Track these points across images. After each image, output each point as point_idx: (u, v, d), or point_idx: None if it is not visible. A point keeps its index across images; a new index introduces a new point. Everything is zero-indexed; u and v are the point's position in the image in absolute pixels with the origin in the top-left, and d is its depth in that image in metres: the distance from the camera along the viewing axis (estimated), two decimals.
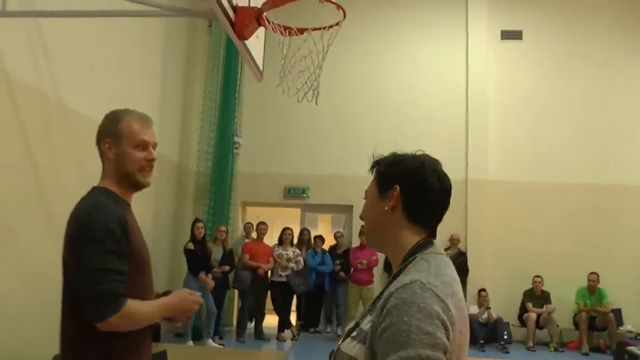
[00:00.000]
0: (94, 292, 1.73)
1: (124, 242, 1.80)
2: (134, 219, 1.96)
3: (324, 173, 10.10)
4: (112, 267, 1.75)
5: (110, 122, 1.96)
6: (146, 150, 1.95)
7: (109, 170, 1.96)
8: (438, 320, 1.25)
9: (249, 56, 4.28)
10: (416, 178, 1.48)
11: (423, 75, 10.32)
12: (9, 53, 4.71)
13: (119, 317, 1.72)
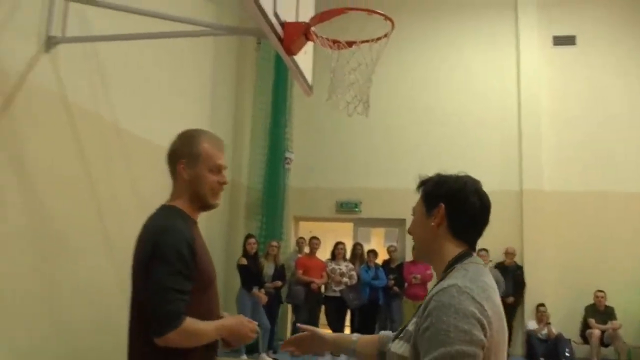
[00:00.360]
0: (159, 310, 1.79)
1: (191, 263, 1.85)
2: (201, 237, 2.01)
3: (376, 186, 10.02)
4: (178, 288, 1.81)
5: (186, 142, 2.01)
6: (219, 173, 2.02)
7: (181, 189, 2.01)
8: (474, 319, 1.39)
9: (298, 71, 4.29)
10: (459, 197, 1.65)
11: (473, 84, 10.15)
12: (68, 78, 4.87)
13: (177, 333, 1.78)
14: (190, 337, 1.83)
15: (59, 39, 4.63)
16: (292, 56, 3.88)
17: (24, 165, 4.33)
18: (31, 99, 4.39)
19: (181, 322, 1.79)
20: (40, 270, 4.53)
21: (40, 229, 4.50)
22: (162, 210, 1.99)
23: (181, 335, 1.79)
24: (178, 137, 2.05)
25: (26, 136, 4.34)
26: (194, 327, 1.83)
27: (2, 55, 4.10)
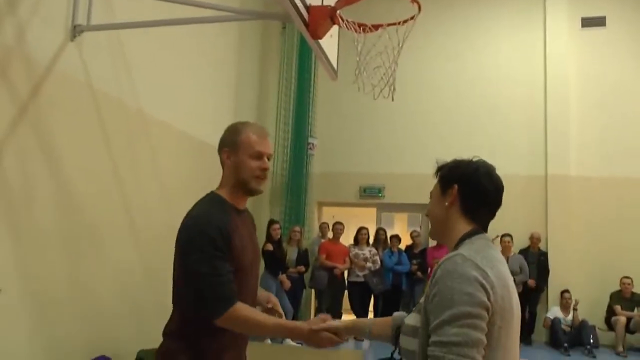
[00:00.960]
0: (208, 294, 1.89)
1: (225, 249, 1.94)
2: (242, 224, 2.11)
3: (399, 171, 9.97)
4: (219, 272, 1.91)
5: (231, 133, 2.14)
6: (261, 160, 2.11)
7: (226, 177, 2.14)
8: (477, 283, 1.49)
9: (324, 55, 4.26)
10: (471, 179, 1.76)
11: (499, 67, 10.00)
12: (93, 66, 4.91)
13: (227, 316, 1.89)
14: (243, 323, 1.93)
15: (84, 27, 4.66)
16: (317, 40, 3.85)
17: (51, 152, 4.39)
18: (58, 87, 4.43)
19: (232, 304, 1.90)
20: (70, 259, 4.60)
21: (68, 216, 4.56)
22: (203, 198, 2.12)
23: (233, 319, 1.90)
24: (225, 130, 2.19)
25: (53, 123, 4.39)
26: (248, 314, 1.93)
27: (30, 44, 4.14)
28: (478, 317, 1.48)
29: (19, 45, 4.04)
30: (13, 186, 3.98)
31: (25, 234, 4.09)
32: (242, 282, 2.04)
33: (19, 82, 4.04)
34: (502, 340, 1.56)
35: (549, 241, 9.39)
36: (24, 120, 4.09)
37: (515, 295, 1.64)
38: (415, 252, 9.31)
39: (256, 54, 9.55)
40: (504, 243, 8.46)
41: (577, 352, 8.18)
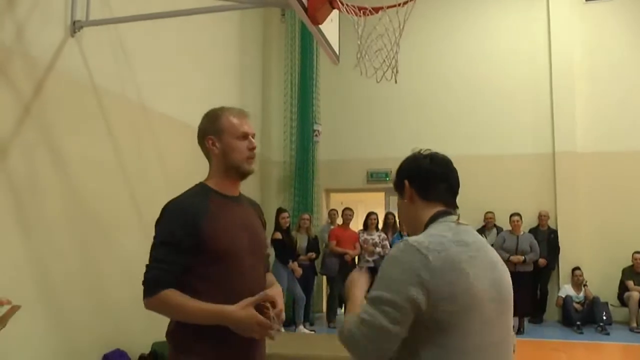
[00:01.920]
0: (144, 275, 1.93)
1: (185, 234, 1.89)
2: (230, 210, 2.04)
3: (406, 155, 9.81)
4: (159, 257, 1.90)
5: (210, 120, 2.08)
6: (247, 139, 2.07)
7: (215, 166, 2.08)
8: (411, 272, 1.51)
9: (324, 40, 4.23)
10: (412, 167, 1.83)
11: (503, 44, 9.88)
12: (94, 61, 4.90)
13: (153, 301, 1.88)
14: (168, 309, 1.90)
15: (83, 22, 4.66)
16: (317, 25, 3.82)
17: (56, 149, 4.40)
18: (60, 84, 4.44)
19: (157, 290, 1.87)
20: (79, 253, 4.63)
21: (75, 211, 4.58)
22: (190, 188, 2.08)
23: (158, 305, 1.88)
24: (203, 117, 2.13)
25: (57, 120, 4.40)
26: (175, 301, 1.87)
27: (31, 41, 4.14)
28: (395, 307, 1.50)
29: (19, 43, 4.04)
30: (20, 183, 3.99)
31: (34, 229, 4.11)
32: (231, 267, 1.95)
33: (21, 80, 4.04)
34: (461, 323, 1.52)
35: (559, 219, 9.35)
36: (28, 118, 4.09)
37: (482, 276, 1.59)
38: None
39: (258, 43, 9.51)
40: (513, 222, 8.42)
41: (590, 330, 8.15)
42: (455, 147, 9.64)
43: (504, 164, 9.58)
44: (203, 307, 1.86)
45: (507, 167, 9.57)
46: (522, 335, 7.89)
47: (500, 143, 9.66)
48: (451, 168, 1.84)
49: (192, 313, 1.87)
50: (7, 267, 3.84)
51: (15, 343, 3.84)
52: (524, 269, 8.04)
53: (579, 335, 7.93)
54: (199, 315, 1.87)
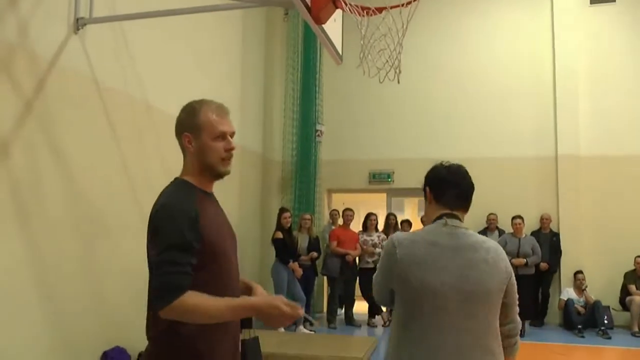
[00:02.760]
0: (154, 283, 1.80)
1: (192, 237, 1.81)
2: (212, 208, 2.00)
3: (408, 156, 9.92)
4: (172, 260, 1.77)
5: (188, 115, 1.99)
6: (225, 140, 1.98)
7: (190, 162, 2.00)
8: (386, 258, 2.11)
9: (328, 40, 4.22)
10: (432, 175, 2.26)
11: (506, 47, 9.87)
12: (97, 58, 4.90)
13: (172, 308, 1.74)
14: (191, 313, 1.76)
15: (86, 20, 4.65)
16: (320, 25, 3.81)
17: (58, 146, 4.39)
18: (63, 81, 4.43)
19: (177, 295, 1.74)
20: (80, 250, 4.62)
21: (77, 209, 4.58)
22: (170, 185, 2.00)
23: (179, 311, 1.75)
24: (181, 111, 2.04)
25: (59, 117, 4.40)
26: (197, 302, 1.76)
27: (33, 39, 4.13)
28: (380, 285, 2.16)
29: (22, 40, 4.03)
30: (22, 180, 3.99)
31: (34, 226, 4.11)
32: (223, 267, 1.93)
33: (23, 77, 4.03)
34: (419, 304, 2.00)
35: (561, 222, 9.32)
36: (31, 115, 4.09)
37: (444, 271, 1.99)
38: None
39: (261, 42, 9.50)
40: (515, 225, 8.40)
41: (592, 334, 8.12)
42: (458, 149, 9.67)
43: (506, 166, 9.56)
44: (229, 303, 1.80)
45: (510, 170, 9.55)
46: (523, 338, 7.86)
47: (502, 145, 9.64)
48: (464, 176, 2.24)
49: (218, 311, 1.78)
50: (6, 263, 3.83)
51: (15, 340, 3.83)
52: (525, 272, 8.02)
53: (580, 339, 7.91)
54: (225, 312, 1.80)
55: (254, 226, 9.04)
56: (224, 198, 7.36)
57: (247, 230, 8.68)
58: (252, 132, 9.05)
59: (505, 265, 2.09)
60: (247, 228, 8.67)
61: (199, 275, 1.81)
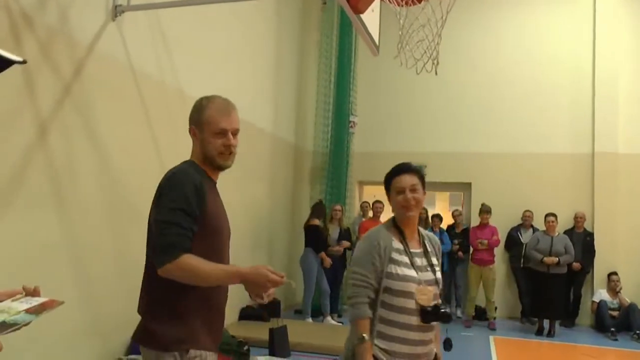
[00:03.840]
0: (158, 242, 1.94)
1: (196, 204, 1.97)
2: (215, 194, 2.14)
3: (441, 150, 9.82)
4: (178, 222, 1.92)
5: (195, 110, 2.17)
6: (225, 137, 2.12)
7: (196, 151, 2.18)
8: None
9: (365, 30, 4.17)
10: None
11: (544, 41, 9.64)
12: (133, 45, 4.94)
13: (174, 265, 1.88)
14: (189, 272, 1.89)
15: (124, 7, 4.69)
16: (359, 15, 3.76)
17: (93, 130, 4.45)
18: (99, 67, 4.48)
19: (179, 255, 1.89)
20: (112, 231, 4.69)
21: (110, 191, 4.64)
22: (182, 162, 2.17)
23: (179, 268, 1.88)
24: (193, 106, 2.22)
25: (95, 102, 4.45)
26: (194, 263, 1.89)
27: (73, 25, 4.18)
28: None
29: (62, 26, 4.09)
30: (58, 163, 4.06)
31: (71, 209, 4.18)
32: (218, 247, 2.08)
33: (62, 62, 4.09)
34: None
35: (595, 221, 9.11)
36: (68, 99, 4.15)
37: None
38: (457, 231, 9.19)
39: (295, 31, 9.48)
40: (548, 223, 8.21)
41: (626, 337, 7.93)
42: (493, 144, 9.53)
43: (541, 162, 9.39)
44: (221, 267, 1.95)
45: (545, 166, 9.37)
46: (553, 338, 7.74)
47: (538, 141, 9.46)
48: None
49: (211, 274, 1.91)
50: (44, 245, 3.91)
51: (49, 318, 3.91)
52: (557, 271, 7.86)
53: (612, 342, 7.73)
54: (217, 275, 1.93)
55: (285, 216, 9.06)
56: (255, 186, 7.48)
57: (277, 219, 8.71)
58: (285, 122, 9.05)
59: None
60: (277, 217, 8.70)
61: (196, 245, 1.94)
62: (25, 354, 3.65)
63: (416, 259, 2.50)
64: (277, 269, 1.99)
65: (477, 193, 9.66)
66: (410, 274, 2.43)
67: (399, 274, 2.42)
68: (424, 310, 2.42)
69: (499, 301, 8.87)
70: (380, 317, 2.44)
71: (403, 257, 2.47)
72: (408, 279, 2.42)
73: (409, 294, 2.41)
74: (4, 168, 3.59)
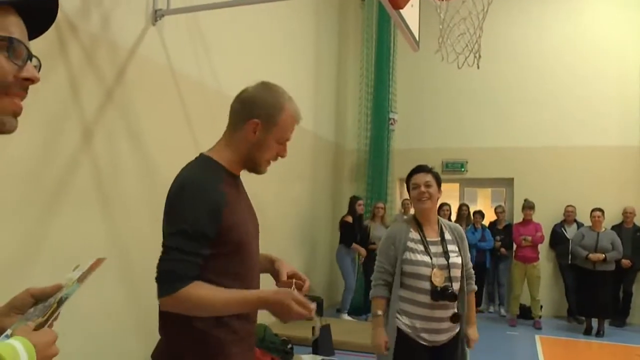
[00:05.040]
0: (158, 270, 1.68)
1: (208, 224, 1.66)
2: (238, 192, 1.84)
3: (482, 145, 9.67)
4: (181, 247, 1.63)
5: (270, 106, 1.82)
6: (283, 146, 1.85)
7: (236, 144, 1.83)
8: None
9: (405, 26, 4.12)
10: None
11: (589, 30, 9.38)
12: (173, 48, 5.02)
13: (173, 299, 1.62)
14: (191, 306, 1.62)
15: (164, 11, 4.76)
16: (398, 10, 3.72)
17: (136, 131, 4.54)
18: (141, 70, 4.56)
19: (180, 285, 1.60)
20: (153, 228, 4.74)
21: (151, 190, 4.71)
22: (196, 161, 1.86)
23: (183, 300, 1.61)
24: (263, 90, 1.87)
25: (137, 105, 4.53)
26: (199, 294, 1.61)
27: (115, 30, 4.27)
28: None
29: (105, 32, 4.18)
30: (102, 164, 4.15)
31: (115, 209, 4.28)
32: (245, 258, 1.79)
33: (105, 67, 4.18)
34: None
35: None
36: (111, 102, 4.24)
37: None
38: (499, 228, 9.03)
39: (334, 29, 9.47)
40: (594, 218, 7.94)
41: None
42: (536, 138, 9.33)
43: (586, 155, 9.15)
44: (237, 295, 1.66)
45: (590, 159, 9.13)
46: (602, 338, 7.53)
47: (583, 134, 9.22)
48: None
49: (225, 305, 1.65)
50: (91, 244, 4.01)
51: (100, 316, 4.01)
52: (604, 268, 7.64)
53: None
54: (233, 305, 1.66)
55: (326, 213, 9.09)
56: (297, 185, 7.51)
57: (319, 217, 8.74)
58: (325, 120, 9.07)
59: None
60: (319, 215, 8.74)
61: (216, 263, 1.69)
62: (81, 350, 3.75)
63: (432, 246, 2.94)
64: (320, 266, 1.98)
65: (519, 189, 9.48)
66: (424, 259, 2.89)
67: (412, 259, 2.90)
68: (434, 290, 2.83)
69: (544, 299, 8.68)
70: (400, 297, 2.92)
71: (418, 245, 2.93)
72: (421, 264, 2.88)
73: (422, 276, 2.86)
74: (52, 170, 3.69)
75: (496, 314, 9.06)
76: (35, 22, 1.02)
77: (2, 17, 0.94)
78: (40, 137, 3.58)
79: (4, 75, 0.94)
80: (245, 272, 1.79)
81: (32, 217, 3.55)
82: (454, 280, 2.91)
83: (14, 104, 0.97)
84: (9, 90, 0.95)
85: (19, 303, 1.12)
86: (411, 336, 2.89)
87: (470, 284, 3.13)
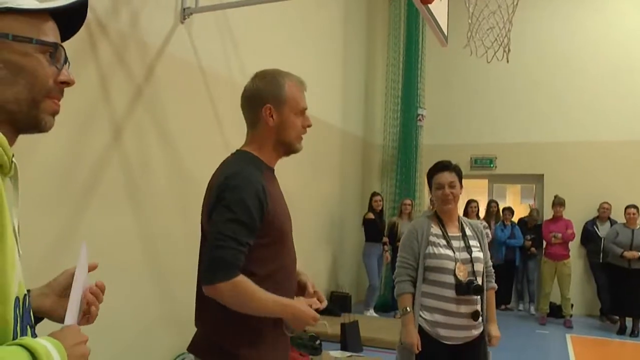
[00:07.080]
0: (211, 256, 1.66)
1: (257, 215, 1.70)
2: (275, 186, 1.87)
3: (512, 141, 9.54)
4: (236, 237, 1.65)
5: (272, 85, 1.89)
6: (303, 116, 1.90)
7: (262, 135, 1.89)
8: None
9: (433, 21, 4.08)
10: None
11: (620, 21, 9.17)
12: (202, 46, 5.05)
13: (226, 286, 1.62)
14: (240, 296, 1.64)
15: (192, 9, 4.80)
16: (427, 5, 3.68)
17: (165, 128, 4.58)
18: (170, 68, 4.60)
19: (235, 273, 1.62)
20: (186, 227, 4.81)
21: (180, 186, 4.76)
22: (235, 156, 1.91)
23: (232, 290, 1.62)
24: (259, 79, 1.94)
25: (166, 102, 4.58)
26: (248, 287, 1.64)
27: (143, 29, 4.32)
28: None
29: (134, 30, 4.22)
30: (132, 161, 4.20)
31: (145, 206, 4.33)
32: (285, 250, 1.81)
33: (134, 66, 4.23)
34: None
35: None
36: (140, 100, 4.29)
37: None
38: (529, 226, 8.90)
39: (362, 25, 9.44)
40: (628, 215, 7.77)
41: None
42: (567, 133, 9.17)
43: (619, 151, 8.95)
44: (275, 299, 1.69)
45: (623, 155, 8.93)
46: (637, 338, 7.37)
47: (616, 128, 9.03)
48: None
49: (263, 304, 1.67)
50: (122, 239, 4.07)
51: (130, 309, 4.07)
52: (639, 266, 7.48)
53: None
54: (269, 306, 1.68)
55: (354, 209, 9.08)
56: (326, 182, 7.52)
57: (347, 213, 8.74)
58: (354, 116, 9.06)
59: None
60: (347, 211, 8.74)
61: (261, 253, 1.72)
62: (110, 348, 3.81)
63: (454, 241, 2.95)
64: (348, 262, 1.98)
65: (549, 185, 9.33)
66: (447, 253, 2.88)
67: (435, 253, 2.88)
68: (459, 284, 2.82)
69: (575, 298, 8.54)
70: (423, 292, 2.90)
71: (440, 240, 2.93)
72: (444, 257, 2.87)
73: (446, 270, 2.85)
74: (84, 167, 3.75)
75: (526, 312, 8.95)
76: (66, 25, 1.09)
77: (42, 23, 1.02)
78: (72, 135, 3.65)
79: (46, 78, 1.01)
80: (285, 265, 1.82)
81: (66, 212, 3.62)
82: (477, 274, 2.91)
83: (54, 105, 1.04)
84: (50, 93, 1.03)
85: (57, 284, 1.23)
86: (432, 335, 2.88)
87: (490, 282, 3.12)
